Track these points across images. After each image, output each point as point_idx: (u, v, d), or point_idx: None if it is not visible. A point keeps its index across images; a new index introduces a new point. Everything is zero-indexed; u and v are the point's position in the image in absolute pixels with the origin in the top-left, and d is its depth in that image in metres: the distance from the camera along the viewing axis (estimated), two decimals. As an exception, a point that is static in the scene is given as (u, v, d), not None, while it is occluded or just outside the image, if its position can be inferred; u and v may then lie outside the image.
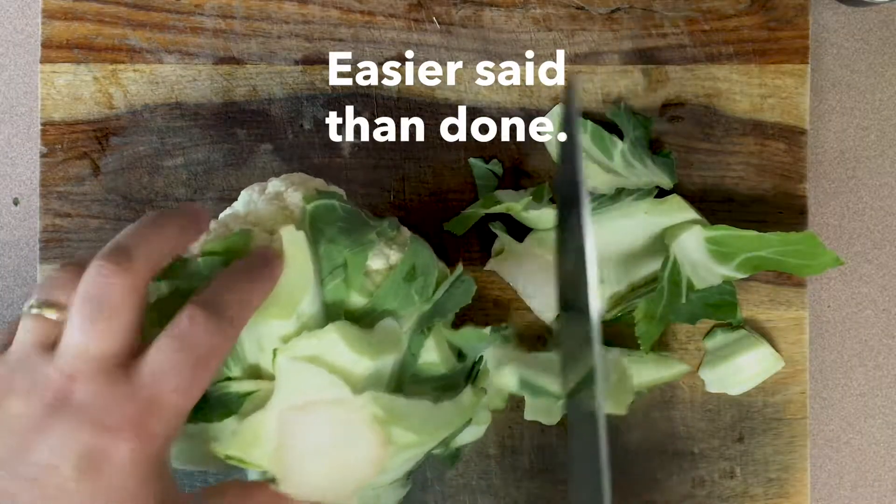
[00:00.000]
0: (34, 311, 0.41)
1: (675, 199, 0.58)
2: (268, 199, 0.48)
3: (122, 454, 0.38)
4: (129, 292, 0.39)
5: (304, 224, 0.46)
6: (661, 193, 0.59)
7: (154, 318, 0.42)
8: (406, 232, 0.51)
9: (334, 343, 0.44)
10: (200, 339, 0.40)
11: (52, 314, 0.40)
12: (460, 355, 0.52)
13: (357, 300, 0.47)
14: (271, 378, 0.45)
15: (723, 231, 0.56)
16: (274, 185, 0.50)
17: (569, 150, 0.43)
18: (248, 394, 0.45)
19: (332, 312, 0.46)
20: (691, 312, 0.59)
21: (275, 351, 0.45)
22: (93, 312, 0.39)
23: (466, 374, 0.53)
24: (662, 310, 0.57)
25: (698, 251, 0.57)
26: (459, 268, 0.52)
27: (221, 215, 0.50)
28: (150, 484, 0.39)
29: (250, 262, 0.44)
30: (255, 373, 0.46)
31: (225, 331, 0.41)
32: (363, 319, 0.47)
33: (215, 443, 0.45)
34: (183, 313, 0.40)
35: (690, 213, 0.58)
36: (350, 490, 0.45)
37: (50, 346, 0.40)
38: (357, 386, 0.44)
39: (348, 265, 0.46)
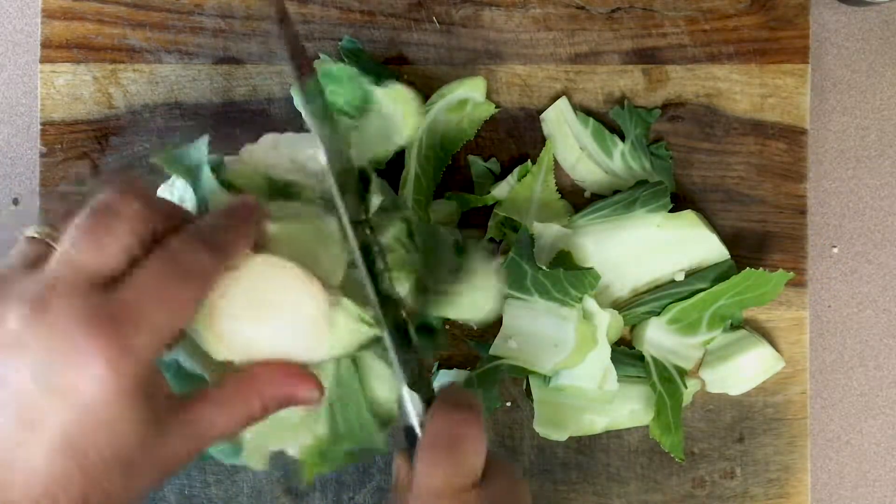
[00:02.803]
0: (32, 234, 0.39)
1: (689, 215, 0.58)
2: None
3: (97, 375, 0.36)
4: (136, 217, 0.38)
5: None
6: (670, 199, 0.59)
7: None
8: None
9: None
10: (189, 259, 0.38)
11: (48, 238, 0.39)
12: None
13: None
14: None
15: (675, 307, 0.58)
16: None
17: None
18: None
19: None
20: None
21: None
22: (91, 226, 0.38)
23: None
24: (672, 413, 0.58)
25: (667, 337, 0.59)
26: None
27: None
28: (132, 409, 0.37)
29: (244, 207, 0.43)
30: None
31: (214, 257, 0.39)
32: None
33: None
34: (172, 237, 0.39)
35: (703, 230, 0.58)
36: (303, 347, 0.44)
37: (38, 263, 0.39)
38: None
39: None
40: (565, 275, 0.55)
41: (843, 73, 0.65)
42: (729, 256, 0.59)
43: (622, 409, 0.59)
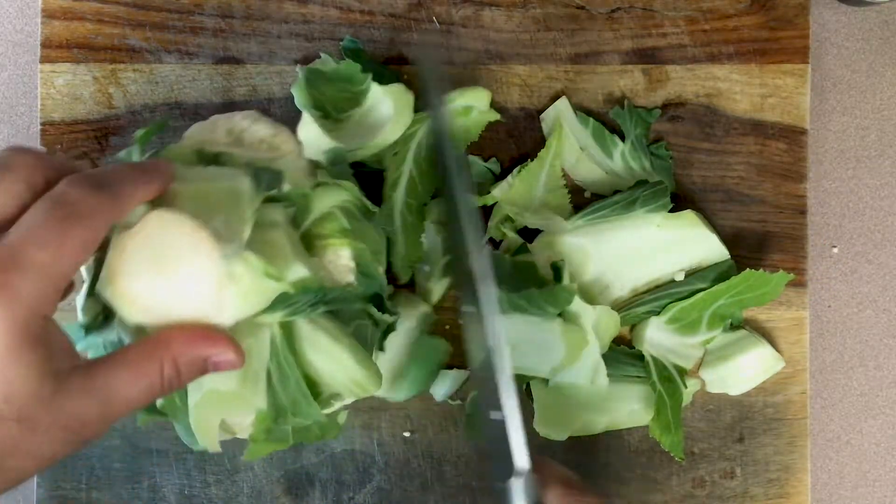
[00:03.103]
0: None
1: (689, 215, 0.58)
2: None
3: None
4: (29, 168, 0.38)
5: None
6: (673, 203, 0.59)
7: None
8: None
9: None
10: (75, 199, 0.38)
11: None
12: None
13: None
14: None
15: (675, 306, 0.58)
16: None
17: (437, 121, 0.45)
18: None
19: None
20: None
21: None
22: None
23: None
24: (672, 413, 0.58)
25: (666, 337, 0.59)
26: None
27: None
28: (24, 353, 0.36)
29: (149, 163, 0.43)
30: None
31: (103, 200, 0.38)
32: None
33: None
34: (62, 181, 0.38)
35: (703, 230, 0.58)
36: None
37: None
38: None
39: None
40: (539, 294, 0.55)
41: (843, 73, 0.65)
42: (729, 256, 0.59)
43: (622, 408, 0.59)
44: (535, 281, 0.57)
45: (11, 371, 0.36)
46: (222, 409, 0.46)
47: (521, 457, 0.44)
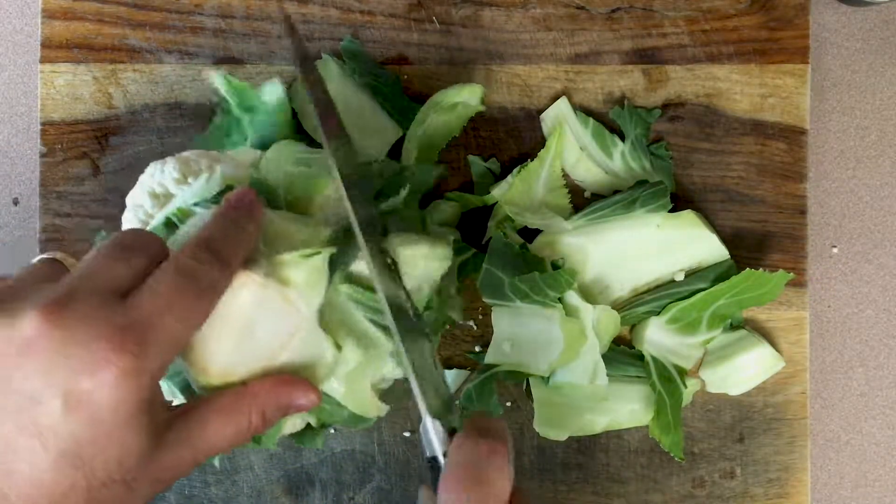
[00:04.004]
0: (47, 257, 0.40)
1: (688, 215, 0.58)
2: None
3: (111, 383, 0.35)
4: (152, 244, 0.40)
5: None
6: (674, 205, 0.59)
7: None
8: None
9: None
10: (201, 272, 0.39)
11: (63, 261, 0.40)
12: None
13: None
14: None
15: (675, 306, 0.58)
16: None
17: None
18: None
19: None
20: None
21: None
22: (114, 250, 0.38)
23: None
24: (672, 413, 0.58)
25: (666, 337, 0.59)
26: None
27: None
28: (138, 420, 0.36)
29: (236, 206, 0.43)
30: None
31: (223, 269, 0.40)
32: None
33: None
34: (183, 252, 0.39)
35: (703, 230, 0.58)
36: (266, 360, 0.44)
37: (54, 277, 0.39)
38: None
39: None
40: (541, 277, 0.56)
41: (843, 73, 0.65)
42: (729, 256, 0.59)
43: (622, 409, 0.59)
44: (540, 271, 0.58)
45: (129, 437, 0.37)
46: (365, 381, 0.47)
47: (422, 405, 0.44)
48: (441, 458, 0.43)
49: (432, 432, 0.43)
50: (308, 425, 0.50)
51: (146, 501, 0.39)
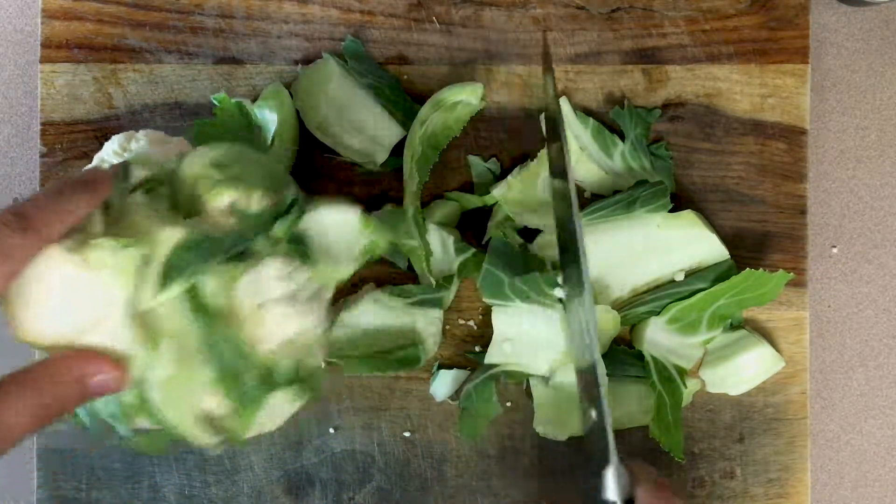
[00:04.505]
0: None
1: (688, 215, 0.58)
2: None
3: None
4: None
5: None
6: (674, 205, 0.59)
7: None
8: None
9: None
10: (2, 235, 0.40)
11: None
12: None
13: None
14: None
15: (675, 306, 0.58)
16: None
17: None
18: None
19: None
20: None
21: None
22: None
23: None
24: (672, 413, 0.58)
25: (666, 337, 0.59)
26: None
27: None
28: None
29: (74, 181, 0.44)
30: None
31: (26, 235, 0.41)
32: None
33: None
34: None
35: (703, 230, 0.58)
36: None
37: None
38: None
39: None
40: (541, 277, 0.56)
41: (843, 73, 0.65)
42: (729, 256, 0.59)
43: (622, 409, 0.59)
44: (540, 271, 0.58)
45: None
46: (183, 397, 0.46)
47: (612, 447, 0.47)
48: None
49: (615, 481, 0.46)
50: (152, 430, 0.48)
51: None
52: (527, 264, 0.57)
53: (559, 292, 0.56)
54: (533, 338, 0.57)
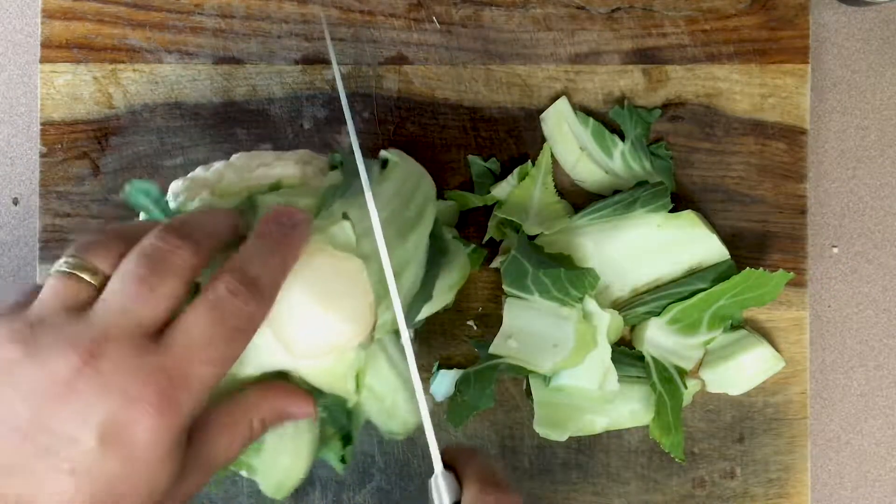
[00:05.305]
0: (67, 270, 0.38)
1: (689, 215, 0.58)
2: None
3: (148, 427, 0.36)
4: (187, 266, 0.38)
5: None
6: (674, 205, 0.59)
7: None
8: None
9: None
10: (237, 310, 0.38)
11: (87, 276, 0.38)
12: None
13: None
14: None
15: (676, 307, 0.58)
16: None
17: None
18: None
19: None
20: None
21: None
22: (145, 275, 0.37)
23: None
24: (672, 414, 0.58)
25: (667, 337, 0.59)
26: None
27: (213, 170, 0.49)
28: (170, 458, 0.37)
29: (278, 224, 0.41)
30: None
31: (260, 301, 0.39)
32: None
33: None
34: (218, 282, 0.38)
35: (703, 230, 0.58)
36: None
37: (81, 308, 0.37)
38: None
39: None
40: (566, 274, 0.55)
41: (843, 73, 0.65)
42: (729, 256, 0.59)
43: (622, 409, 0.59)
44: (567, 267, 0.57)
45: (161, 474, 0.37)
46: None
47: (435, 456, 0.44)
48: None
49: (443, 487, 0.44)
50: None
51: None
52: (552, 261, 0.57)
53: (589, 302, 0.57)
54: (542, 335, 0.57)
